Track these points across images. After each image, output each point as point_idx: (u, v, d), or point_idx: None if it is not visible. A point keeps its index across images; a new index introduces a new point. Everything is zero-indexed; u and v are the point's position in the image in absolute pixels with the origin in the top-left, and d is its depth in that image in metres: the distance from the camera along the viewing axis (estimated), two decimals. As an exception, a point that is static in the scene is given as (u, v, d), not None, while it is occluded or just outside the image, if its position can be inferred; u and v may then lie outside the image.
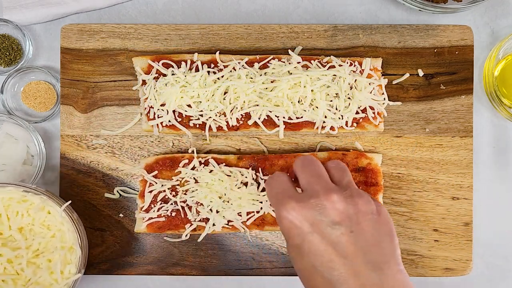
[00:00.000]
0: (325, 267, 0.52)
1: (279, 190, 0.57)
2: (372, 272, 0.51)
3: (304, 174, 0.58)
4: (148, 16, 0.77)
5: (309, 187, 0.56)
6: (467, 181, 0.73)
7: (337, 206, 0.53)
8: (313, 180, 0.56)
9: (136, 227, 0.70)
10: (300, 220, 0.53)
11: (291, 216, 0.54)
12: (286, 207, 0.54)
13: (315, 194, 0.54)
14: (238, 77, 0.69)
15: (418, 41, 0.74)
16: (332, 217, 0.53)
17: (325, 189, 0.55)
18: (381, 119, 0.71)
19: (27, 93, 0.75)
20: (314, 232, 0.53)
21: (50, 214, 0.65)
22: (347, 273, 0.51)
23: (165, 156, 0.71)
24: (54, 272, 0.64)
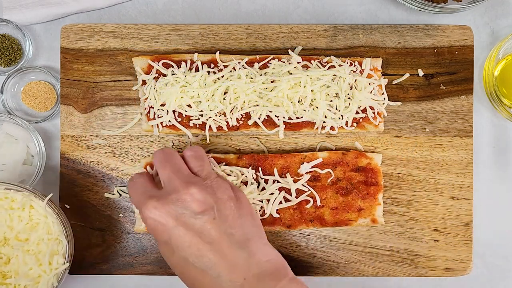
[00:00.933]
0: (194, 256, 0.55)
1: (139, 191, 0.59)
2: (239, 250, 0.56)
3: (164, 170, 0.59)
4: (148, 16, 0.77)
5: (168, 183, 0.58)
6: (467, 181, 0.73)
7: (196, 197, 0.56)
8: (172, 176, 0.58)
9: (136, 226, 0.70)
10: (163, 217, 0.55)
11: (154, 215, 0.55)
12: (148, 206, 0.56)
13: (174, 189, 0.56)
14: (238, 77, 0.69)
15: (418, 41, 0.74)
16: (193, 208, 0.55)
17: (184, 182, 0.56)
18: (381, 119, 0.71)
19: (27, 93, 0.75)
20: (179, 226, 0.55)
21: (34, 208, 0.66)
22: (216, 257, 0.55)
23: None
24: (42, 263, 0.65)
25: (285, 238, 0.73)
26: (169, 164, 0.59)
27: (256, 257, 0.56)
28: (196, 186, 0.56)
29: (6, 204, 0.66)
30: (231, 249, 0.56)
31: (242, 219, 0.58)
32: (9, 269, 0.65)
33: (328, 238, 0.73)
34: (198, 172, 0.60)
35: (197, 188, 0.56)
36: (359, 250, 0.73)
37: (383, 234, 0.73)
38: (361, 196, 0.70)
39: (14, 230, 0.66)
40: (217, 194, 0.57)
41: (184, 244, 0.55)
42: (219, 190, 0.58)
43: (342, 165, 0.70)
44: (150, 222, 0.56)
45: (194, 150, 0.62)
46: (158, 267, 0.73)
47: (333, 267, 0.73)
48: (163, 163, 0.60)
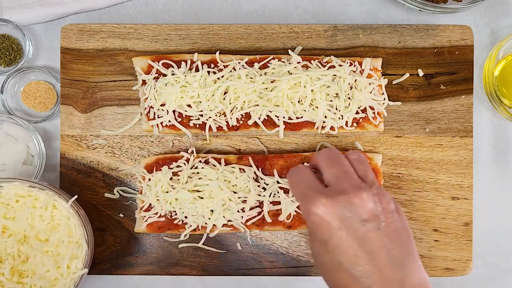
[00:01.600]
0: (350, 262, 0.54)
1: (304, 184, 0.58)
2: (395, 268, 0.53)
3: (331, 169, 0.58)
4: (148, 16, 0.77)
5: (336, 183, 0.57)
6: (467, 181, 0.73)
7: (366, 203, 0.55)
8: (341, 176, 0.57)
9: (136, 227, 0.70)
10: (329, 216, 0.54)
11: (320, 212, 0.55)
12: (315, 202, 0.55)
13: (344, 190, 0.55)
14: (238, 77, 0.69)
15: (418, 41, 0.74)
16: (361, 214, 0.54)
17: (354, 186, 0.56)
18: (381, 119, 0.71)
19: (27, 93, 0.75)
20: (343, 228, 0.54)
21: (57, 209, 0.65)
22: (372, 269, 0.53)
23: (165, 156, 0.71)
24: (60, 266, 0.64)
25: (285, 238, 0.73)
26: (337, 163, 0.59)
27: (410, 279, 0.54)
28: (366, 192, 0.55)
29: (29, 202, 0.65)
30: (387, 264, 0.54)
31: (401, 235, 0.56)
32: (26, 268, 0.64)
33: (328, 238, 0.73)
34: (363, 177, 0.59)
35: (367, 194, 0.55)
36: (359, 250, 0.73)
37: (383, 234, 0.73)
38: (361, 196, 0.70)
39: (35, 229, 0.65)
40: (383, 204, 0.56)
41: (343, 248, 0.54)
42: (384, 200, 0.56)
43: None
44: (314, 218, 0.55)
45: (358, 154, 0.62)
46: (158, 267, 0.73)
47: (333, 267, 0.73)
48: (331, 162, 0.59)
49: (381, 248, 0.54)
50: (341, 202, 0.55)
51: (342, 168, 0.59)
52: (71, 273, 0.64)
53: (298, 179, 0.59)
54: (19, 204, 0.65)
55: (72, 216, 0.65)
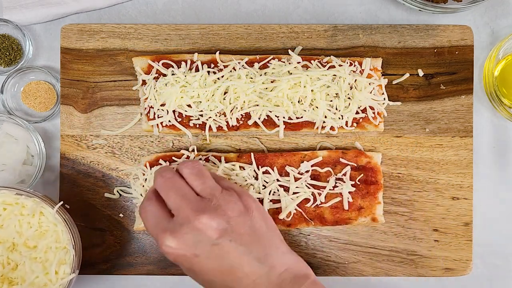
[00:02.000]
0: (218, 278, 0.57)
1: (153, 223, 0.58)
2: (258, 266, 0.57)
3: (169, 198, 0.58)
4: (148, 16, 0.77)
5: (178, 212, 0.57)
6: (467, 181, 0.73)
7: (209, 224, 0.56)
8: (179, 203, 0.57)
9: (136, 225, 0.70)
10: (181, 249, 0.56)
11: (171, 249, 0.56)
12: (164, 242, 0.56)
13: (186, 219, 0.56)
14: (238, 77, 0.69)
15: (418, 41, 0.74)
16: (209, 236, 0.56)
17: (193, 211, 0.56)
18: (381, 119, 0.71)
19: (27, 93, 0.75)
20: (198, 255, 0.56)
21: (44, 216, 0.66)
22: (236, 279, 0.57)
23: (166, 154, 0.71)
24: (49, 272, 0.64)
25: (285, 238, 0.73)
26: (172, 190, 0.58)
27: (275, 269, 0.58)
28: (206, 213, 0.56)
29: (17, 209, 0.65)
30: (251, 266, 0.57)
31: (257, 231, 0.58)
32: (16, 276, 0.64)
33: (328, 238, 0.73)
34: (202, 192, 0.59)
35: (208, 215, 0.56)
36: (359, 250, 0.73)
37: (383, 234, 0.73)
38: (361, 195, 0.70)
39: (23, 236, 0.65)
40: (227, 213, 0.57)
41: (207, 269, 0.57)
42: (228, 208, 0.57)
43: (342, 164, 0.70)
44: (170, 255, 0.57)
45: (191, 166, 0.60)
46: (158, 267, 0.73)
47: (333, 267, 0.73)
48: (166, 191, 0.59)
49: (240, 257, 0.56)
50: (186, 232, 0.56)
51: (178, 193, 0.58)
52: (59, 278, 0.64)
53: (146, 219, 0.59)
54: (7, 212, 0.65)
55: (58, 223, 0.65)
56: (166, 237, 0.56)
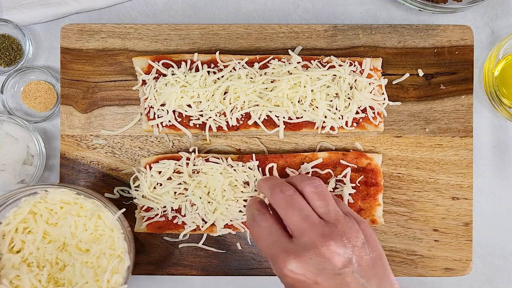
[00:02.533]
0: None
1: (269, 240, 0.55)
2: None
3: (290, 217, 0.55)
4: (148, 16, 0.77)
5: (301, 234, 0.54)
6: (467, 181, 0.73)
7: (336, 252, 0.53)
8: (302, 225, 0.54)
9: (136, 226, 0.70)
10: (303, 275, 0.52)
11: (293, 274, 0.53)
12: (285, 264, 0.53)
13: (311, 244, 0.53)
14: (238, 77, 0.69)
15: (418, 41, 0.74)
16: (334, 264, 0.53)
17: (319, 236, 0.53)
18: (381, 119, 0.71)
19: (27, 93, 0.75)
20: (319, 282, 0.52)
21: (101, 219, 0.64)
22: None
23: (166, 156, 0.71)
24: (100, 280, 0.62)
25: (285, 238, 0.73)
26: (294, 210, 0.55)
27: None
28: (333, 240, 0.53)
29: (74, 210, 0.63)
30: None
31: (375, 265, 0.55)
32: (63, 277, 0.63)
33: (328, 238, 0.73)
34: (324, 214, 0.55)
35: (335, 242, 0.53)
36: (359, 250, 0.73)
37: (383, 234, 0.73)
38: (361, 197, 0.70)
39: (76, 238, 0.63)
40: (352, 242, 0.54)
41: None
42: (352, 236, 0.54)
43: (342, 166, 0.70)
44: (288, 280, 0.53)
45: (315, 185, 0.57)
46: (158, 267, 0.73)
47: (333, 267, 0.73)
48: (288, 209, 0.55)
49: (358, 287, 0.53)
50: (311, 258, 0.52)
51: (301, 213, 0.55)
52: (110, 287, 0.62)
53: (260, 233, 0.56)
54: (63, 210, 0.64)
55: (116, 229, 0.63)
56: (289, 260, 0.52)
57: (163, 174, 0.69)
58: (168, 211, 0.69)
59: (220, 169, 0.68)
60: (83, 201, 0.64)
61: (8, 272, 0.63)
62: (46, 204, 0.64)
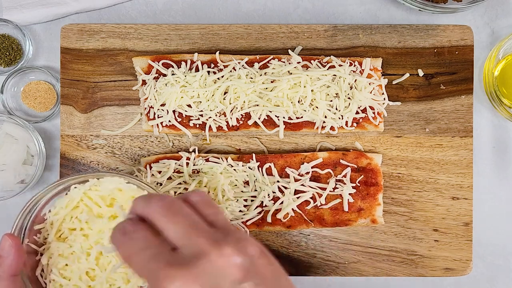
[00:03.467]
0: None
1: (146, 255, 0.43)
2: None
3: (173, 224, 0.44)
4: (148, 16, 0.77)
5: (188, 243, 0.43)
6: (467, 181, 0.73)
7: (233, 260, 0.42)
8: (189, 232, 0.44)
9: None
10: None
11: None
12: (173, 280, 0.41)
13: (201, 253, 0.42)
14: (238, 77, 0.69)
15: (418, 41, 0.74)
16: (232, 275, 0.42)
17: (210, 242, 0.43)
18: (381, 119, 0.71)
19: (27, 93, 0.75)
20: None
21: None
22: None
23: (166, 156, 0.71)
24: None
25: (285, 238, 0.73)
26: (178, 216, 0.44)
27: None
28: (228, 245, 0.43)
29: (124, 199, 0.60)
30: None
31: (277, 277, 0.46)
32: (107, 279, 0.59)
33: (328, 238, 0.73)
34: (214, 222, 0.46)
35: (231, 248, 0.43)
36: (359, 250, 0.73)
37: (383, 234, 0.73)
38: (361, 197, 0.70)
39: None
40: (248, 250, 0.44)
41: None
42: (248, 245, 0.44)
43: (342, 165, 0.70)
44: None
45: (200, 194, 0.48)
46: (158, 267, 0.73)
47: (333, 267, 0.73)
48: (171, 216, 0.44)
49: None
50: (203, 269, 0.41)
51: (187, 219, 0.44)
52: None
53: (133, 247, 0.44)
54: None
55: None
56: (173, 274, 0.41)
57: (163, 174, 0.69)
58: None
59: (220, 169, 0.68)
60: (137, 192, 0.60)
61: (56, 261, 0.60)
62: (98, 192, 0.60)
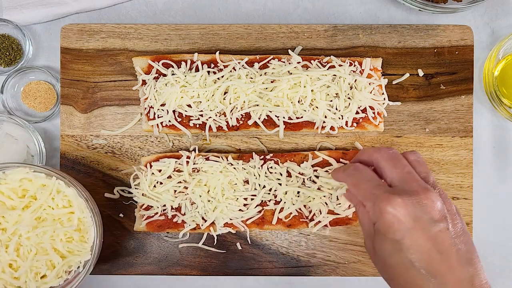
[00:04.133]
0: (423, 261, 0.54)
1: (371, 183, 0.58)
2: (464, 267, 0.54)
3: (394, 168, 0.58)
4: (148, 16, 0.77)
5: (403, 183, 0.57)
6: (467, 181, 0.73)
7: (435, 204, 0.55)
8: (406, 177, 0.57)
9: (136, 225, 0.70)
10: (404, 216, 0.54)
11: (396, 212, 0.54)
12: (390, 202, 0.55)
13: (413, 191, 0.55)
14: (238, 77, 0.69)
15: (418, 41, 0.74)
16: (432, 215, 0.55)
17: (421, 187, 0.56)
18: (381, 119, 0.71)
19: (27, 93, 0.75)
20: (416, 228, 0.54)
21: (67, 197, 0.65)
22: (444, 268, 0.54)
23: (166, 155, 0.71)
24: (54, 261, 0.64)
25: (285, 238, 0.73)
26: (399, 163, 0.59)
27: (478, 278, 0.55)
28: (433, 193, 0.56)
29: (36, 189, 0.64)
30: (459, 263, 0.54)
31: (466, 235, 0.57)
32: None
33: (328, 238, 0.73)
34: (425, 178, 0.59)
35: (435, 195, 0.56)
36: (359, 250, 0.73)
37: (383, 234, 0.73)
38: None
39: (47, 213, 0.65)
40: (447, 205, 0.57)
41: (417, 247, 0.54)
42: (447, 202, 0.57)
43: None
44: (388, 217, 0.55)
45: (416, 155, 0.61)
46: (158, 267, 0.73)
47: (333, 267, 0.73)
48: (393, 161, 0.59)
49: (451, 247, 0.54)
50: (413, 203, 0.55)
51: (405, 168, 0.58)
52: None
53: (361, 178, 0.59)
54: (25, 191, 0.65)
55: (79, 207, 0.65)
56: (394, 198, 0.54)
57: (163, 173, 0.69)
58: (168, 210, 0.69)
59: (220, 168, 0.68)
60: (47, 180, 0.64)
61: None
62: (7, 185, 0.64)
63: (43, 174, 0.65)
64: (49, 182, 0.64)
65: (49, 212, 0.64)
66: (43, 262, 0.64)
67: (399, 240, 0.55)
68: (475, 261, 0.55)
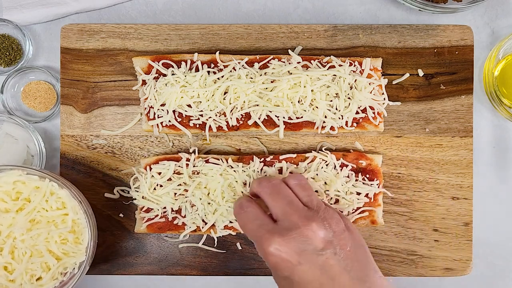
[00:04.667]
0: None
1: (255, 224, 0.58)
2: (360, 284, 0.56)
3: (276, 202, 0.59)
4: (148, 16, 0.77)
5: (285, 217, 0.57)
6: (467, 181, 0.73)
7: (317, 233, 0.56)
8: (287, 209, 0.58)
9: (136, 227, 0.70)
10: (287, 254, 0.55)
11: (277, 251, 0.55)
12: (270, 243, 0.55)
13: (294, 225, 0.56)
14: (238, 77, 0.69)
15: (418, 41, 0.74)
16: (316, 245, 0.55)
17: (302, 218, 0.57)
18: (381, 119, 0.71)
19: (27, 93, 0.75)
20: (302, 263, 0.55)
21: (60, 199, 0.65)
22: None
23: (166, 156, 0.71)
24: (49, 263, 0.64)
25: (285, 238, 0.73)
26: (280, 196, 0.59)
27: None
28: (315, 222, 0.56)
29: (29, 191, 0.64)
30: (352, 284, 0.56)
31: (357, 251, 0.58)
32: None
33: (328, 238, 0.73)
34: (308, 203, 0.59)
35: (317, 224, 0.56)
36: (359, 250, 0.73)
37: (383, 234, 0.73)
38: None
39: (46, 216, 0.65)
40: (333, 227, 0.57)
41: (307, 280, 0.56)
42: (333, 222, 0.58)
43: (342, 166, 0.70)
44: (272, 259, 0.56)
45: (298, 178, 0.62)
46: (158, 267, 0.73)
47: (333, 267, 0.73)
48: (274, 196, 0.59)
49: (342, 272, 0.55)
50: (294, 238, 0.55)
51: (286, 199, 0.59)
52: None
53: (246, 218, 0.59)
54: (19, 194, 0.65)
55: (73, 209, 0.65)
56: (274, 239, 0.55)
57: (163, 175, 0.69)
58: (168, 212, 0.69)
59: (220, 170, 0.68)
60: (40, 182, 0.64)
61: None
62: (0, 187, 0.64)
63: (36, 177, 0.65)
64: (42, 184, 0.64)
65: (43, 214, 0.64)
66: (38, 264, 0.64)
67: (288, 276, 0.56)
68: (369, 276, 0.57)
